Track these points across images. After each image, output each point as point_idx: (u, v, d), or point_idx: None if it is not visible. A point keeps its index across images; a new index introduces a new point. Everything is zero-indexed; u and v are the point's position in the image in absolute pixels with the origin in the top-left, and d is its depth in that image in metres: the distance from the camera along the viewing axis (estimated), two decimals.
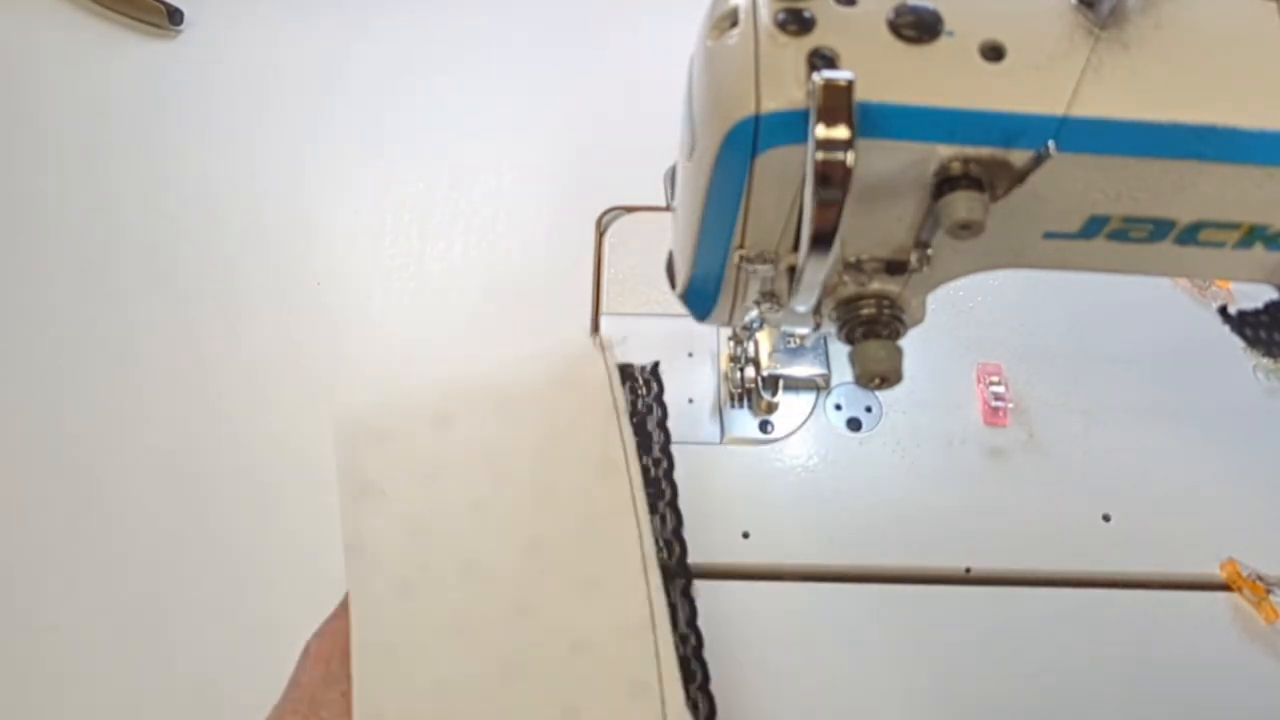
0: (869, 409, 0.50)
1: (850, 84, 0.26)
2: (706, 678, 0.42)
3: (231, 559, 0.47)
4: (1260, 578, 0.45)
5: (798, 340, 0.50)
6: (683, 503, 0.46)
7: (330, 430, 0.42)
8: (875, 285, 0.34)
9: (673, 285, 0.40)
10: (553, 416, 0.42)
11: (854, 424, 0.50)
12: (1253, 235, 0.31)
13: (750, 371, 0.50)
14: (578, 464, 0.41)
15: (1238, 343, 0.53)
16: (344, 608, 0.39)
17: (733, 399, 0.50)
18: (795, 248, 0.31)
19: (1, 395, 0.51)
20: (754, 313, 0.37)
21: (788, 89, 0.27)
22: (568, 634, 0.38)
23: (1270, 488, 0.48)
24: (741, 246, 0.33)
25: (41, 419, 0.51)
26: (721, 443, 0.49)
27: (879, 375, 0.33)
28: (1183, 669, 0.43)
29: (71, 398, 0.51)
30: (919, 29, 0.28)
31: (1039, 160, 0.28)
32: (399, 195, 0.59)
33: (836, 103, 0.26)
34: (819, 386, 0.51)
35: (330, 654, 0.37)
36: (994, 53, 0.28)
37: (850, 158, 0.26)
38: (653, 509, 0.45)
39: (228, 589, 0.46)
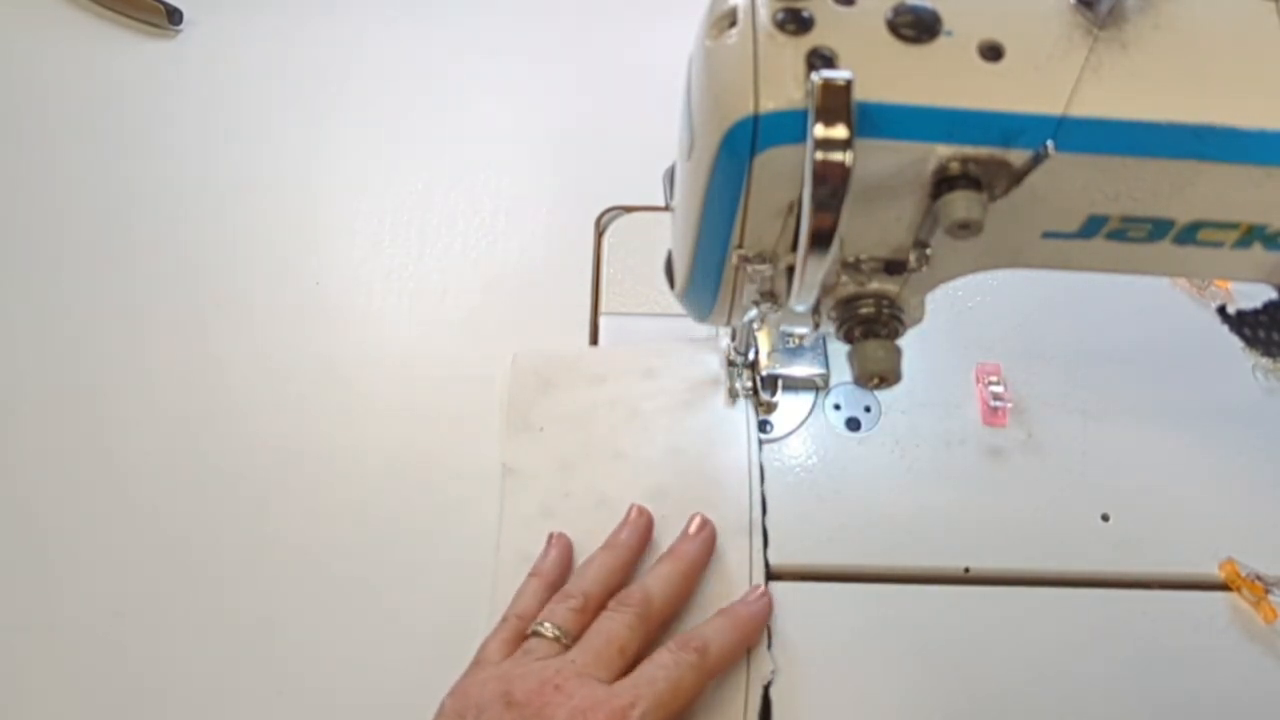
0: (868, 409, 0.50)
1: (849, 83, 0.26)
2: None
3: (228, 558, 0.47)
4: (1259, 577, 0.45)
5: (796, 340, 0.50)
6: None
7: (510, 369, 0.51)
8: (874, 285, 0.34)
9: (671, 285, 0.40)
10: (690, 387, 0.50)
11: (853, 424, 0.50)
12: (1251, 235, 0.31)
13: (749, 371, 0.50)
14: (707, 431, 0.49)
15: (1237, 342, 0.53)
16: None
17: (731, 398, 0.50)
18: (794, 247, 0.32)
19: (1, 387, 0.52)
20: (753, 312, 0.37)
21: (786, 88, 0.28)
22: None
23: (1270, 488, 0.48)
24: (740, 246, 0.33)
25: (39, 422, 0.51)
26: None
27: (878, 375, 0.33)
28: (1181, 668, 0.43)
29: (69, 401, 0.51)
30: (918, 29, 0.28)
31: (1037, 160, 0.28)
32: (399, 195, 0.59)
33: (835, 102, 0.26)
34: (818, 386, 0.51)
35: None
36: (993, 52, 0.28)
37: (849, 157, 0.26)
38: None
39: (225, 587, 0.46)
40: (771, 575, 0.45)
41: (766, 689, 0.42)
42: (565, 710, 0.36)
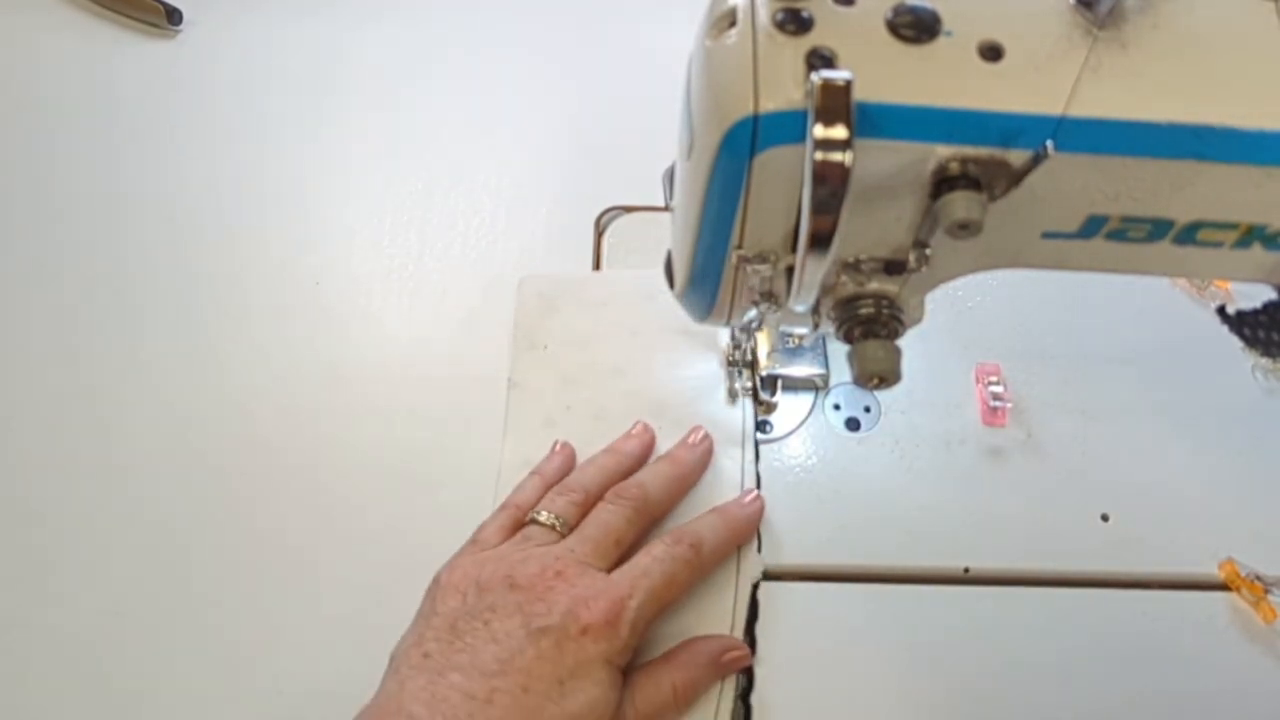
0: (867, 409, 0.50)
1: (848, 84, 0.26)
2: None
3: (228, 558, 0.47)
4: (1259, 577, 0.45)
5: (796, 340, 0.50)
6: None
7: (517, 292, 0.54)
8: (874, 285, 0.34)
9: (671, 285, 0.40)
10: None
11: (852, 424, 0.50)
12: (1251, 235, 0.31)
13: (748, 371, 0.50)
14: (706, 345, 0.51)
15: (1236, 343, 0.53)
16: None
17: (731, 399, 0.50)
18: (794, 247, 0.32)
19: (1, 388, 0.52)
20: (752, 313, 0.37)
21: (786, 89, 0.28)
22: None
23: (1269, 488, 0.48)
24: (740, 246, 0.33)
25: (38, 422, 0.51)
26: None
27: (877, 375, 0.33)
28: (1181, 669, 0.43)
29: (68, 402, 0.51)
30: (917, 29, 0.28)
31: (1037, 160, 0.28)
32: (399, 195, 0.59)
33: (835, 102, 0.26)
34: (817, 386, 0.51)
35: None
36: (992, 52, 0.28)
37: (848, 157, 0.26)
38: None
39: (225, 587, 0.46)
40: (770, 576, 0.45)
41: (755, 589, 0.44)
42: (568, 597, 0.37)
